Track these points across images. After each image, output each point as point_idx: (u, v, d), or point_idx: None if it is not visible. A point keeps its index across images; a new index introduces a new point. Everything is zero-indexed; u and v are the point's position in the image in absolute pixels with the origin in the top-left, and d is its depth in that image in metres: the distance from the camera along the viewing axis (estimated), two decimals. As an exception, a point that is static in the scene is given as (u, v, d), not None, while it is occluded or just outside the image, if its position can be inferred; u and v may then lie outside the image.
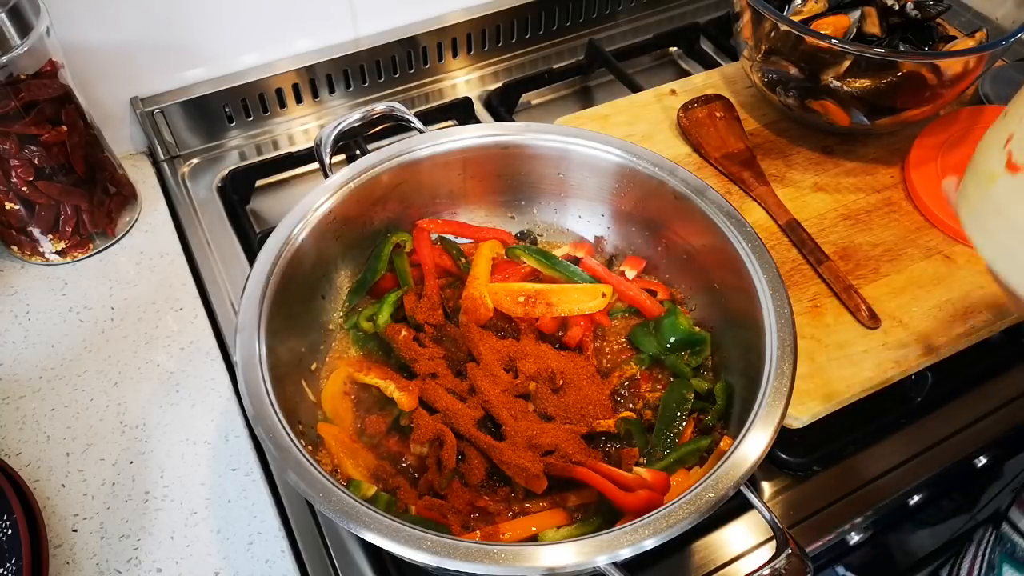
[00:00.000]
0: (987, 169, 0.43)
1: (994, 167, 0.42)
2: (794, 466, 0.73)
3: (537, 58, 1.15)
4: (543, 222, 0.84)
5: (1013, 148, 0.41)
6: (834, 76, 0.85)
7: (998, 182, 0.41)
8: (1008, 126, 0.42)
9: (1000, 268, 0.43)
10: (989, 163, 0.42)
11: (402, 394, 0.67)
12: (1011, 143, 0.41)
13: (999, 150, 0.42)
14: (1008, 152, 0.41)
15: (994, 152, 0.42)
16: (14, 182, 0.78)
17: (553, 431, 0.65)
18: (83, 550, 0.66)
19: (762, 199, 0.89)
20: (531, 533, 0.60)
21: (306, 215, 0.70)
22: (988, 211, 0.43)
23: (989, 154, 0.43)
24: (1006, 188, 0.41)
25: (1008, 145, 0.41)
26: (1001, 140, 0.42)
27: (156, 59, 0.94)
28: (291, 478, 0.53)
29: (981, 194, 0.43)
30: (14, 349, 0.79)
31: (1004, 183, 0.41)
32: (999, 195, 0.41)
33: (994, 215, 0.42)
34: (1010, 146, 0.41)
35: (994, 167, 0.42)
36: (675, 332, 0.72)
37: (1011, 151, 0.41)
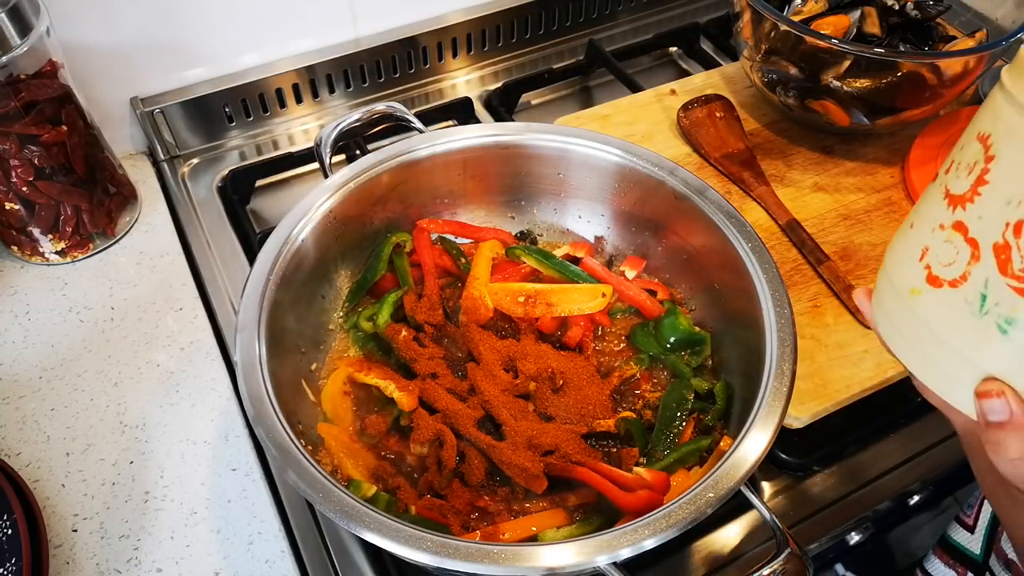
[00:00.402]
0: (906, 283, 0.42)
1: (914, 282, 0.42)
2: (794, 466, 0.73)
3: (537, 58, 1.15)
4: (543, 222, 0.84)
5: (931, 262, 0.40)
6: (834, 76, 0.85)
7: (920, 297, 0.41)
8: (920, 239, 0.42)
9: (932, 383, 0.43)
10: (909, 278, 0.42)
11: (402, 394, 0.67)
12: (927, 256, 0.41)
13: (915, 264, 0.42)
14: (926, 266, 0.41)
15: (910, 266, 0.42)
16: (14, 182, 0.78)
17: (553, 431, 0.65)
18: (83, 550, 0.66)
19: (762, 199, 0.89)
20: (531, 533, 0.60)
21: (306, 215, 0.70)
22: (910, 325, 0.43)
23: (906, 268, 0.42)
24: (928, 303, 0.41)
25: (924, 259, 0.41)
26: (915, 254, 0.42)
27: (156, 59, 0.94)
28: (291, 478, 0.53)
29: (903, 308, 0.43)
30: (14, 349, 0.79)
31: (927, 298, 0.41)
32: (922, 310, 0.41)
33: (917, 329, 0.42)
34: (927, 259, 0.41)
35: (914, 282, 0.42)
36: (675, 332, 0.72)
37: (930, 265, 0.40)
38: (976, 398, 0.40)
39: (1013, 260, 0.36)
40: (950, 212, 0.39)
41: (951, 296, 0.39)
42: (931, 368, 0.43)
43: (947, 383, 0.42)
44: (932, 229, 0.41)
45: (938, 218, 0.40)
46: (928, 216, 0.41)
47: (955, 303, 0.39)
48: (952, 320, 0.40)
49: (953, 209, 0.39)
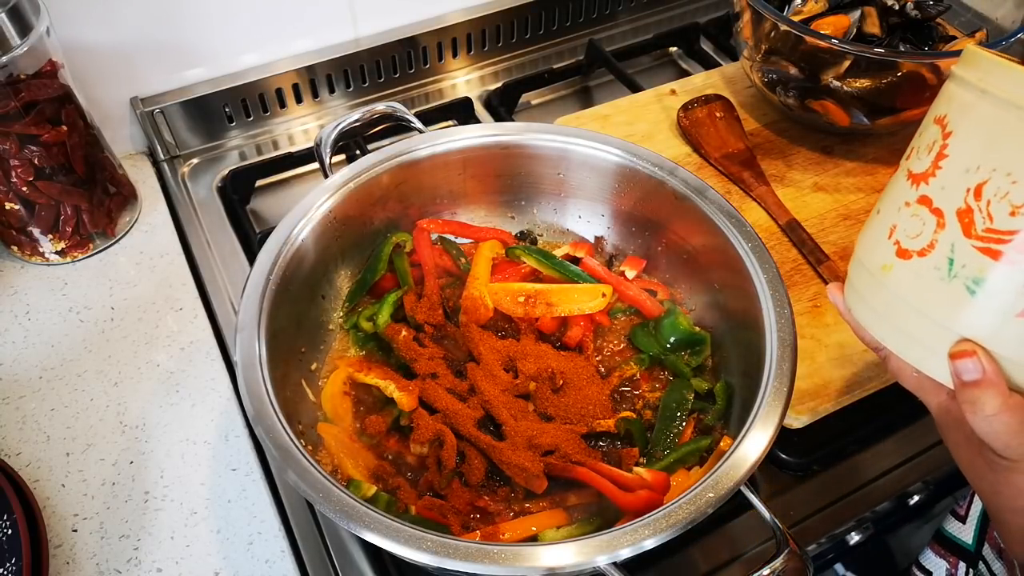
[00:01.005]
0: (876, 262, 0.45)
1: (884, 259, 0.45)
2: (794, 466, 0.73)
3: (537, 58, 1.15)
4: (543, 222, 0.84)
5: (899, 237, 0.44)
6: (834, 76, 0.85)
7: (892, 271, 0.44)
8: (887, 220, 0.45)
9: (909, 354, 0.45)
10: (878, 256, 0.45)
11: (402, 394, 0.67)
12: (895, 233, 0.44)
13: (884, 243, 0.45)
14: (895, 242, 0.44)
15: (879, 245, 0.45)
16: (14, 182, 0.78)
17: (553, 431, 0.65)
18: (83, 550, 0.66)
19: (762, 199, 0.89)
20: (531, 533, 0.60)
21: (306, 215, 0.70)
22: (882, 300, 0.45)
23: (875, 249, 0.46)
24: (900, 275, 0.44)
25: (892, 236, 0.44)
26: (883, 233, 0.45)
27: (156, 59, 0.94)
28: (291, 478, 0.53)
29: (876, 286, 0.46)
30: (14, 349, 0.79)
31: (898, 271, 0.44)
32: (894, 283, 0.44)
33: (890, 303, 0.45)
34: (895, 236, 0.44)
35: (884, 259, 0.45)
36: (675, 332, 0.72)
37: (898, 240, 0.44)
38: (950, 360, 0.42)
39: (976, 222, 0.39)
40: (914, 189, 0.42)
41: (921, 265, 0.42)
42: (906, 339, 0.45)
43: (922, 352, 0.44)
44: (898, 208, 0.44)
45: (903, 197, 0.44)
46: (893, 199, 0.45)
47: (925, 271, 0.42)
48: (923, 288, 0.42)
49: (916, 186, 0.42)
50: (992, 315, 0.41)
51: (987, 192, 0.39)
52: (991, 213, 0.39)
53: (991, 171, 0.39)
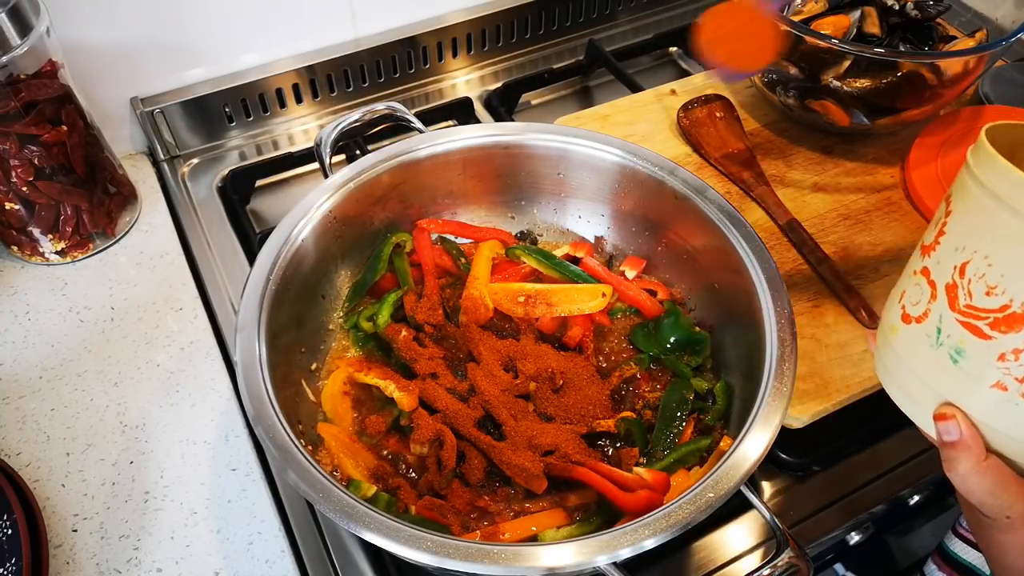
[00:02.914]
0: (889, 323, 0.50)
1: (893, 320, 0.49)
2: (794, 466, 0.73)
3: (537, 58, 1.15)
4: (543, 222, 0.84)
5: (905, 303, 0.48)
6: (834, 76, 0.85)
7: (897, 332, 0.48)
8: (902, 284, 0.49)
9: (906, 409, 0.50)
10: (890, 318, 0.50)
11: (402, 394, 0.67)
12: (904, 298, 0.48)
13: (896, 306, 0.49)
14: (902, 306, 0.48)
15: (893, 308, 0.50)
16: (14, 182, 0.78)
17: (553, 431, 0.65)
18: (83, 550, 0.66)
19: (762, 199, 0.89)
20: (531, 533, 0.60)
21: (306, 215, 0.70)
22: (891, 359, 0.50)
23: (890, 310, 0.50)
24: (902, 337, 0.48)
25: (902, 300, 0.49)
26: (897, 297, 0.50)
27: (156, 59, 0.94)
28: (291, 478, 0.53)
29: (886, 345, 0.50)
30: (14, 349, 0.79)
31: (901, 333, 0.48)
32: (898, 344, 0.49)
33: (895, 362, 0.49)
34: (903, 300, 0.48)
35: (893, 320, 0.49)
36: (675, 332, 0.72)
37: (904, 305, 0.48)
38: (934, 420, 0.46)
39: (959, 297, 0.43)
40: (921, 259, 0.47)
41: (917, 330, 0.46)
42: (904, 395, 0.49)
43: (915, 407, 0.49)
44: (910, 274, 0.48)
45: (913, 265, 0.48)
46: (909, 265, 0.49)
47: (919, 336, 0.46)
48: (917, 352, 0.47)
49: (923, 256, 0.47)
50: (970, 383, 0.44)
51: (969, 271, 0.43)
52: (971, 291, 0.43)
53: (973, 252, 0.43)
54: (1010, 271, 0.41)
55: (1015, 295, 0.41)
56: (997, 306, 0.42)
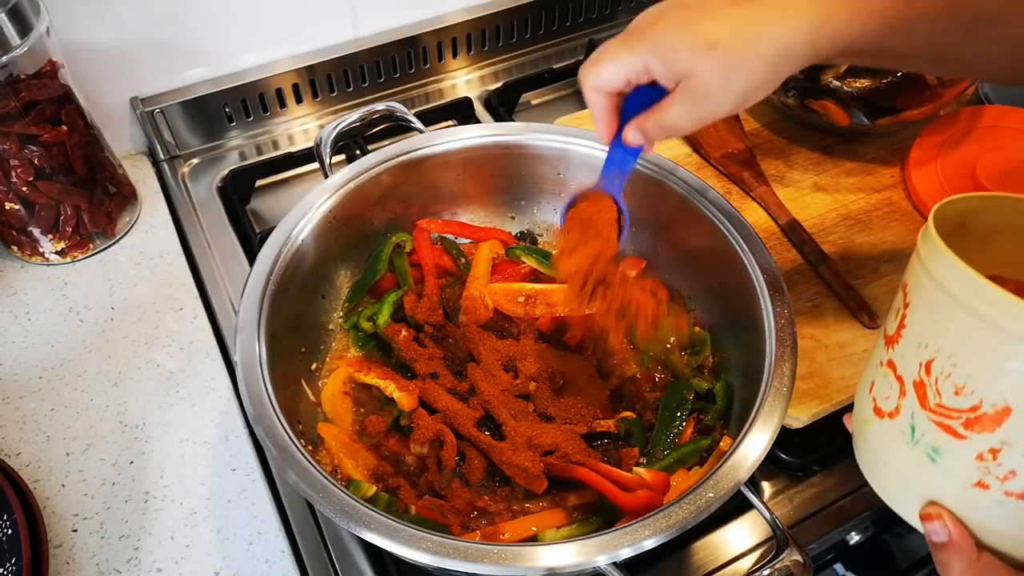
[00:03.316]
0: (862, 415, 0.48)
1: (866, 413, 0.47)
2: (794, 466, 0.73)
3: (537, 58, 1.15)
4: (543, 222, 0.84)
5: (876, 395, 0.46)
6: (834, 76, 0.85)
7: (871, 426, 0.46)
8: (870, 373, 0.47)
9: (891, 504, 0.48)
10: (863, 410, 0.48)
11: (402, 394, 0.67)
12: (873, 389, 0.46)
13: (867, 397, 0.47)
14: (873, 399, 0.46)
15: (864, 399, 0.48)
16: (14, 182, 0.78)
17: (553, 431, 0.65)
18: (83, 550, 0.66)
19: (762, 199, 0.89)
20: (531, 533, 0.60)
21: (306, 215, 0.70)
22: (868, 453, 0.48)
23: (862, 400, 0.48)
24: (876, 432, 0.46)
25: (872, 392, 0.46)
26: (867, 387, 0.47)
27: (156, 59, 0.94)
28: (291, 478, 0.53)
29: (862, 437, 0.49)
30: (14, 349, 0.79)
31: (875, 427, 0.46)
32: (873, 439, 0.47)
33: (873, 457, 0.48)
34: (873, 392, 0.46)
35: (866, 413, 0.47)
36: (675, 332, 0.72)
37: (875, 397, 0.46)
38: (920, 520, 0.44)
39: (928, 396, 0.41)
40: (886, 351, 0.45)
41: (890, 426, 0.44)
42: (886, 489, 0.48)
43: (899, 504, 0.47)
44: (876, 364, 0.46)
45: (879, 355, 0.46)
46: (875, 353, 0.47)
47: (894, 433, 0.44)
48: (893, 448, 0.44)
49: (887, 348, 0.44)
50: (952, 483, 0.42)
51: (935, 370, 0.41)
52: (939, 390, 0.41)
53: (936, 351, 0.41)
54: (975, 372, 0.39)
55: (984, 395, 0.39)
56: (967, 406, 0.40)
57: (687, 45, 0.47)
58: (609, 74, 0.51)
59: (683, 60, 0.47)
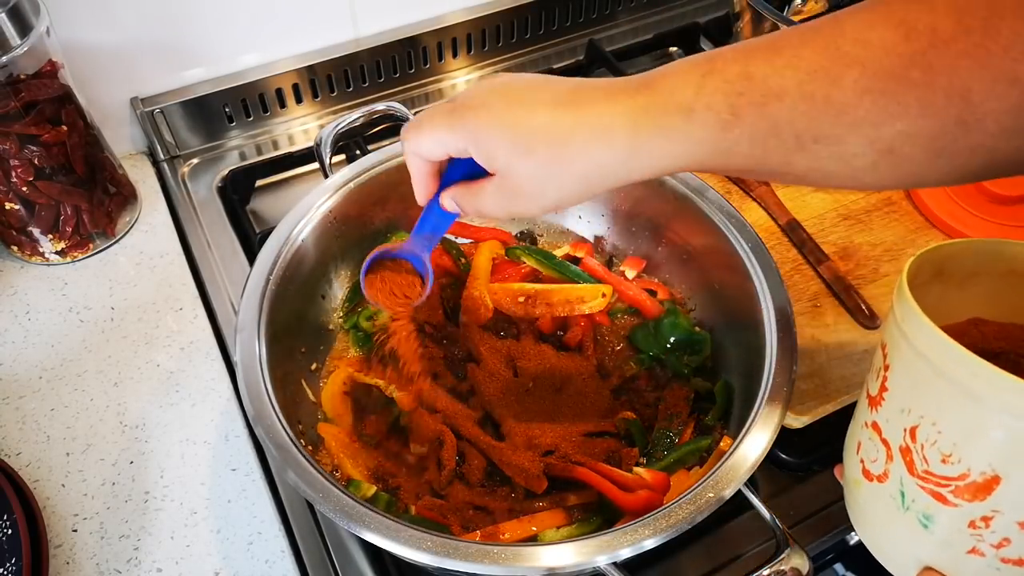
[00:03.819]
0: (852, 475, 0.47)
1: (855, 474, 0.46)
2: (794, 466, 0.73)
3: (537, 58, 1.15)
4: (543, 222, 0.84)
5: (863, 457, 0.45)
6: (834, 76, 0.85)
7: (861, 488, 0.46)
8: (856, 433, 0.46)
9: (883, 561, 0.47)
10: (852, 469, 0.47)
11: (402, 394, 0.67)
12: (860, 451, 0.45)
13: (855, 457, 0.46)
14: (861, 460, 0.45)
15: (852, 459, 0.47)
16: (14, 182, 0.78)
17: (553, 431, 0.65)
18: (83, 550, 0.66)
19: (762, 199, 0.89)
20: (531, 533, 0.60)
21: (306, 215, 0.70)
22: (860, 515, 0.48)
23: (850, 460, 0.47)
24: (867, 494, 0.45)
25: (859, 453, 0.45)
26: (854, 447, 0.46)
27: (156, 59, 0.94)
28: (291, 478, 0.53)
29: (853, 500, 0.48)
30: (14, 349, 0.79)
31: (865, 489, 0.45)
32: (864, 503, 0.46)
33: (865, 520, 0.47)
34: (860, 454, 0.45)
35: (855, 474, 0.46)
36: (675, 332, 0.72)
37: (863, 459, 0.45)
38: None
39: (916, 463, 0.40)
40: (870, 412, 0.43)
41: (880, 490, 0.44)
42: (880, 551, 0.47)
43: (895, 567, 0.46)
44: (861, 425, 0.45)
45: (863, 415, 0.45)
46: (859, 411, 0.46)
47: (884, 497, 0.43)
48: (885, 512, 0.44)
49: (871, 409, 0.43)
50: (946, 549, 0.41)
51: (920, 436, 0.40)
52: (926, 457, 0.40)
53: (920, 417, 0.39)
54: (961, 440, 0.38)
55: (971, 464, 0.38)
56: (956, 474, 0.39)
57: (507, 144, 0.46)
58: (428, 147, 0.50)
59: (500, 157, 0.46)
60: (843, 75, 0.38)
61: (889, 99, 0.37)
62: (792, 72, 0.39)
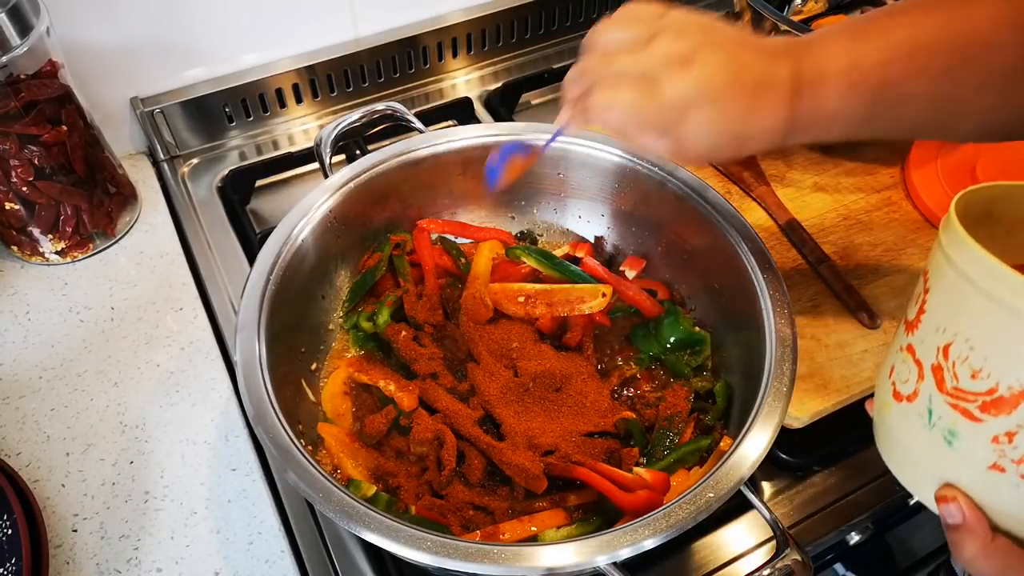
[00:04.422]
0: (882, 399, 0.49)
1: (885, 397, 0.48)
2: (794, 466, 0.73)
3: (537, 58, 1.15)
4: (543, 222, 0.84)
5: (895, 379, 0.47)
6: (834, 76, 0.85)
7: (891, 410, 0.47)
8: (891, 359, 0.48)
9: (904, 481, 0.49)
10: (882, 394, 0.49)
11: (402, 394, 0.67)
12: (893, 374, 0.47)
13: (887, 381, 0.48)
14: (892, 383, 0.47)
15: (884, 383, 0.49)
16: (14, 182, 0.78)
17: (553, 431, 0.65)
18: (83, 550, 0.66)
19: (762, 199, 0.89)
20: (531, 533, 0.60)
21: (306, 215, 0.70)
22: (887, 437, 0.49)
23: (882, 385, 0.49)
24: (895, 415, 0.47)
25: (892, 376, 0.47)
26: (887, 372, 0.48)
27: (156, 59, 0.94)
28: (291, 478, 0.53)
29: (881, 421, 0.49)
30: (14, 349, 0.79)
31: (894, 411, 0.47)
32: (892, 423, 0.48)
33: (891, 441, 0.48)
34: (893, 377, 0.47)
35: (885, 397, 0.48)
36: (675, 332, 0.72)
37: (895, 382, 0.47)
38: (936, 502, 0.45)
39: (946, 380, 0.42)
40: (906, 336, 0.45)
41: (909, 410, 0.45)
42: (904, 472, 0.48)
43: (916, 486, 0.48)
44: (897, 350, 0.47)
45: (900, 341, 0.47)
46: (896, 339, 0.48)
47: (912, 416, 0.45)
48: (911, 431, 0.46)
49: (908, 333, 0.45)
50: (968, 465, 0.43)
51: (952, 353, 0.42)
52: (957, 374, 0.41)
53: (954, 335, 0.41)
54: (992, 355, 0.40)
55: (1000, 378, 0.40)
56: (984, 389, 0.40)
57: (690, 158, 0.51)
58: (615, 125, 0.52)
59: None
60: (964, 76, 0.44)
61: None
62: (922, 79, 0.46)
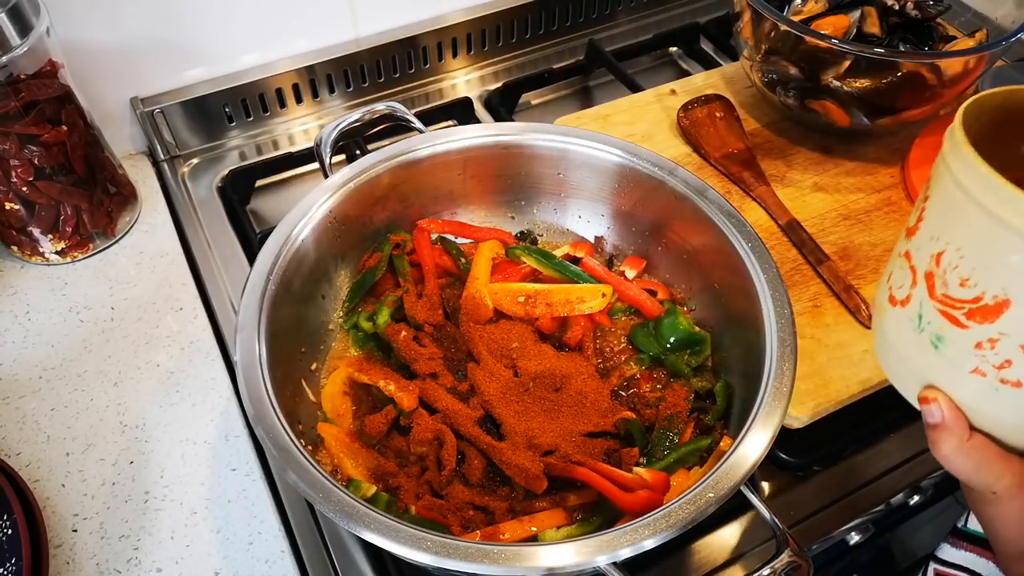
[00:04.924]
0: (879, 303, 0.51)
1: (882, 301, 0.50)
2: (794, 466, 0.73)
3: (537, 58, 1.15)
4: (543, 222, 0.84)
5: (892, 284, 0.48)
6: (834, 76, 0.85)
7: (886, 313, 0.49)
8: (891, 265, 0.50)
9: (895, 382, 0.51)
10: (880, 297, 0.50)
11: (402, 394, 0.67)
12: (891, 279, 0.49)
13: (885, 286, 0.50)
14: (889, 288, 0.49)
15: (883, 287, 0.50)
16: (14, 182, 0.78)
17: (553, 431, 0.65)
18: (83, 550, 0.66)
19: (762, 199, 0.89)
20: (531, 533, 0.60)
21: (306, 215, 0.70)
22: (881, 340, 0.51)
23: (881, 289, 0.51)
24: (889, 319, 0.49)
25: (889, 281, 0.49)
26: (886, 276, 0.50)
27: (156, 59, 0.94)
28: (291, 478, 0.53)
29: (877, 324, 0.51)
30: (14, 349, 0.79)
31: (888, 314, 0.49)
32: (886, 326, 0.49)
33: (885, 344, 0.50)
34: (890, 282, 0.49)
35: (882, 301, 0.50)
36: (675, 332, 0.72)
37: (891, 287, 0.49)
38: (918, 402, 0.48)
39: (936, 286, 0.44)
40: (905, 242, 0.47)
41: (901, 314, 0.47)
42: (894, 375, 0.51)
43: (904, 387, 0.50)
44: (896, 256, 0.48)
45: (899, 247, 0.48)
46: (896, 247, 0.49)
47: (904, 320, 0.47)
48: (902, 335, 0.47)
49: (906, 239, 0.47)
50: (951, 369, 0.45)
51: (943, 261, 0.43)
52: (947, 281, 0.43)
53: (946, 243, 0.43)
54: (980, 264, 0.41)
55: (986, 288, 0.41)
56: (970, 297, 0.42)
57: None
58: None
59: None
60: None
61: None
62: None
